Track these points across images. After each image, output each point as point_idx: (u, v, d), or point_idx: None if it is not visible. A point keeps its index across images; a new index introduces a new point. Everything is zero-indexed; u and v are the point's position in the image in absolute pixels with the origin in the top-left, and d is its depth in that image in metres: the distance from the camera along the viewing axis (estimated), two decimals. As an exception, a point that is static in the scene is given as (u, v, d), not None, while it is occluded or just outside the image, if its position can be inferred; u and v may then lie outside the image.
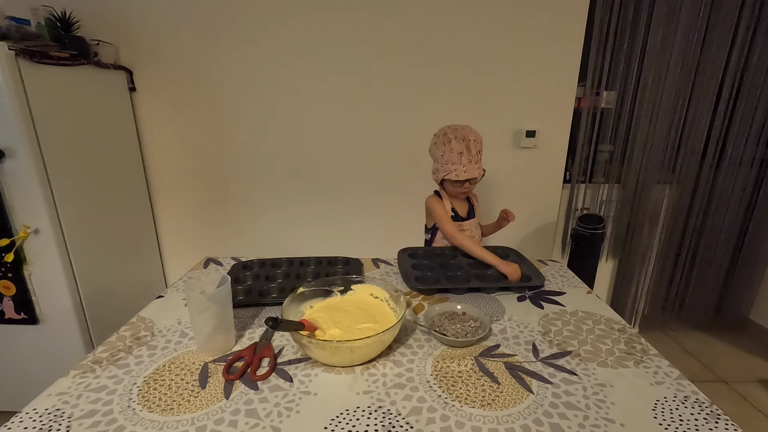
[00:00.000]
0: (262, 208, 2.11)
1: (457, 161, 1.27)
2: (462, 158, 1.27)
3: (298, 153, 2.01)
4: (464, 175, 1.27)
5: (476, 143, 1.28)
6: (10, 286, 1.44)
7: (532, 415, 0.63)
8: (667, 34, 1.89)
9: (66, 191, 1.46)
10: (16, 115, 1.29)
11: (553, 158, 2.07)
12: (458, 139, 1.27)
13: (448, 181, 1.34)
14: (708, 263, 2.26)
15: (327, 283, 0.94)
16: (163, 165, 2.03)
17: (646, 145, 2.04)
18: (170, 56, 1.86)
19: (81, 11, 1.67)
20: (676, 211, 2.20)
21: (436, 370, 0.74)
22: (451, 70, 1.91)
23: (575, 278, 1.16)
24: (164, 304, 0.98)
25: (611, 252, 2.27)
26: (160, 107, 1.93)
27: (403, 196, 2.08)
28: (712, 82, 1.97)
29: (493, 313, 0.95)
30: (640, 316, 2.37)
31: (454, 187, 1.34)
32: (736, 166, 2.10)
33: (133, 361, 0.76)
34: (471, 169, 1.28)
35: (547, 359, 0.77)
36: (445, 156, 1.30)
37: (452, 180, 1.30)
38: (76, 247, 1.50)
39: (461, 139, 1.27)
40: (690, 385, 0.71)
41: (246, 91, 1.92)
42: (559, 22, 1.85)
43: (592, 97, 2.01)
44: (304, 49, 1.87)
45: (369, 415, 0.63)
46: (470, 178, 1.29)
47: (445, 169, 1.30)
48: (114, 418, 0.62)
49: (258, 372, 0.73)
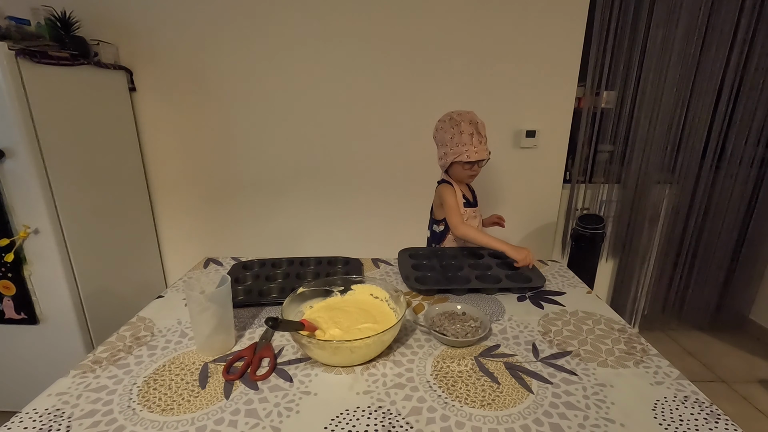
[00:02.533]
0: (262, 208, 2.11)
1: (468, 142, 1.30)
2: (473, 139, 1.30)
3: (299, 153, 2.01)
4: (475, 156, 1.30)
5: (482, 126, 1.32)
6: (10, 286, 1.44)
7: (532, 415, 0.63)
8: (667, 34, 1.89)
9: (66, 191, 1.46)
10: (16, 115, 1.29)
11: (553, 158, 2.07)
12: (466, 122, 1.30)
13: (457, 165, 1.35)
14: (708, 263, 2.26)
15: (327, 283, 0.94)
16: (163, 165, 2.03)
17: (646, 145, 2.04)
18: (170, 56, 1.86)
19: (81, 11, 1.67)
20: (676, 211, 2.20)
21: (436, 370, 0.74)
22: (451, 70, 1.91)
23: (575, 278, 1.16)
24: (164, 304, 0.98)
25: (611, 252, 2.27)
26: (160, 107, 1.93)
27: (404, 196, 2.08)
28: (712, 82, 1.97)
29: (493, 313, 0.95)
30: (640, 316, 2.37)
31: (464, 169, 1.36)
32: (736, 166, 2.09)
33: (133, 361, 0.76)
34: (481, 150, 1.31)
35: (547, 359, 0.77)
36: (455, 138, 1.32)
37: (463, 162, 1.32)
38: (76, 247, 1.50)
39: (469, 121, 1.30)
40: (690, 385, 0.71)
41: (246, 91, 1.92)
42: (559, 22, 1.85)
43: (592, 97, 2.01)
44: (304, 50, 1.87)
45: (369, 415, 0.63)
46: (480, 159, 1.32)
47: (455, 152, 1.32)
48: (114, 418, 0.62)
49: (258, 372, 0.73)
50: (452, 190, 1.39)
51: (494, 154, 1.96)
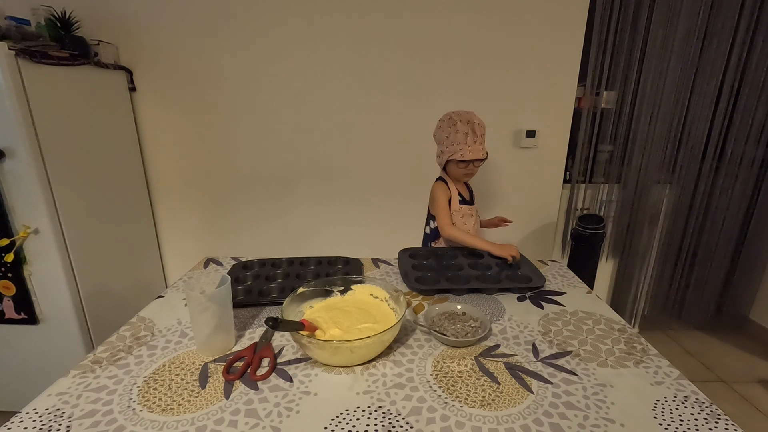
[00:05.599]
0: (263, 208, 2.11)
1: (462, 141, 1.32)
2: (467, 138, 1.31)
3: (299, 153, 2.01)
4: (469, 155, 1.32)
5: (480, 126, 1.33)
6: (10, 286, 1.44)
7: (532, 415, 0.63)
8: (667, 34, 1.89)
9: (66, 191, 1.46)
10: (16, 115, 1.29)
11: (553, 158, 2.07)
12: (463, 121, 1.32)
13: (453, 164, 1.37)
14: (708, 263, 2.26)
15: (327, 283, 0.94)
16: (163, 165, 2.03)
17: (646, 145, 2.04)
18: (170, 56, 1.86)
19: (81, 11, 1.67)
20: (676, 211, 2.20)
21: (436, 370, 0.74)
22: (451, 70, 1.91)
23: (575, 278, 1.16)
24: (164, 304, 0.98)
25: (611, 252, 2.27)
26: (160, 107, 1.93)
27: (404, 196, 2.08)
28: (712, 82, 1.97)
29: (493, 313, 0.95)
30: (640, 316, 2.37)
31: (459, 168, 1.37)
32: (736, 166, 2.09)
33: (133, 361, 0.76)
34: (476, 149, 1.32)
35: (547, 359, 0.77)
36: (450, 137, 1.34)
37: (457, 160, 1.34)
38: (76, 247, 1.50)
39: (466, 122, 1.32)
40: (690, 385, 0.71)
41: (246, 90, 1.92)
42: (559, 23, 1.85)
43: (592, 97, 2.01)
44: (304, 50, 1.87)
45: (369, 415, 0.63)
46: (475, 159, 1.33)
47: (450, 150, 1.34)
48: (114, 418, 0.62)
49: (258, 372, 0.73)
50: (444, 188, 1.41)
51: (494, 154, 1.97)
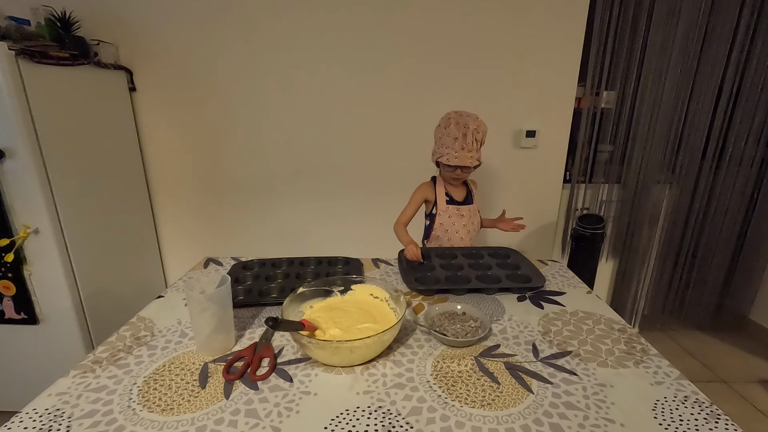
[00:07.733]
0: (263, 207, 2.10)
1: (450, 146, 1.29)
2: (456, 144, 1.28)
3: (298, 152, 2.01)
4: (455, 161, 1.29)
5: (476, 132, 1.28)
6: (10, 286, 1.44)
7: (532, 415, 0.63)
8: (667, 34, 1.89)
9: (66, 191, 1.46)
10: (16, 115, 1.29)
11: (553, 158, 2.07)
12: (459, 125, 1.28)
13: (442, 165, 1.37)
14: (708, 263, 2.26)
15: (327, 283, 0.94)
16: (163, 165, 2.03)
17: (646, 145, 2.04)
18: (170, 56, 1.86)
19: (81, 11, 1.67)
20: (676, 211, 2.20)
21: (436, 370, 0.74)
22: (451, 70, 1.91)
23: (575, 278, 1.16)
24: (164, 304, 0.98)
25: (611, 252, 2.27)
26: (160, 107, 1.93)
27: (404, 196, 2.04)
28: (712, 82, 1.97)
29: (493, 313, 0.95)
30: (640, 316, 2.37)
31: (446, 171, 1.37)
32: (736, 166, 2.09)
33: (133, 361, 0.76)
34: (462, 156, 1.28)
35: (547, 359, 0.77)
36: (442, 139, 1.32)
37: (444, 164, 1.34)
38: (76, 247, 1.50)
39: (462, 125, 1.28)
40: (690, 385, 0.71)
41: (246, 90, 1.92)
42: (559, 22, 1.85)
43: (592, 97, 2.01)
44: (304, 50, 1.87)
45: (369, 415, 0.63)
46: (461, 166, 1.30)
47: (439, 152, 1.34)
48: (114, 418, 0.62)
49: (258, 372, 0.73)
50: (425, 188, 1.45)
51: (494, 154, 1.98)
